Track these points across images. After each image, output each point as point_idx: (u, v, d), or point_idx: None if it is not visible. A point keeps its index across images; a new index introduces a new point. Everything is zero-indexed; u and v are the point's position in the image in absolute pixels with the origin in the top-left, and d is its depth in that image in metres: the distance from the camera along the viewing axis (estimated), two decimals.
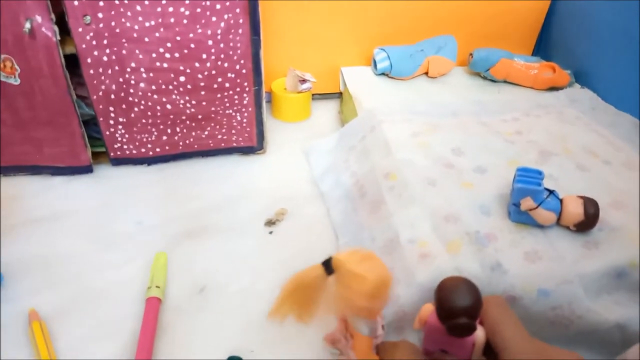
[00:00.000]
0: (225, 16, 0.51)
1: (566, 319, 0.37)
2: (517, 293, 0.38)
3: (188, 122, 0.58)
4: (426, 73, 0.72)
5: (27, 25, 0.46)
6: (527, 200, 0.43)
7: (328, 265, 0.32)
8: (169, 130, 0.58)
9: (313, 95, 0.74)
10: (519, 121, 0.63)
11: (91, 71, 0.51)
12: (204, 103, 0.56)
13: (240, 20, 0.52)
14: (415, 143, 0.55)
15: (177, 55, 0.52)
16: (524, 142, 0.57)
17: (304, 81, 0.70)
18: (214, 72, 0.54)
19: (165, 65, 0.52)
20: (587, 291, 0.39)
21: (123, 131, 0.56)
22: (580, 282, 0.39)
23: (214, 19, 0.51)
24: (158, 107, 0.55)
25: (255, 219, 0.53)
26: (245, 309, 0.43)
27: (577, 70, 0.72)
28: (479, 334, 0.34)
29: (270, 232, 0.52)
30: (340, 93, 0.77)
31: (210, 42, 0.52)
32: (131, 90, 0.53)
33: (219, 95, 0.56)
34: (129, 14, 0.49)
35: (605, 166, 0.53)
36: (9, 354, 0.38)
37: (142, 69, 0.52)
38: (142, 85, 0.53)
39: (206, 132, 0.59)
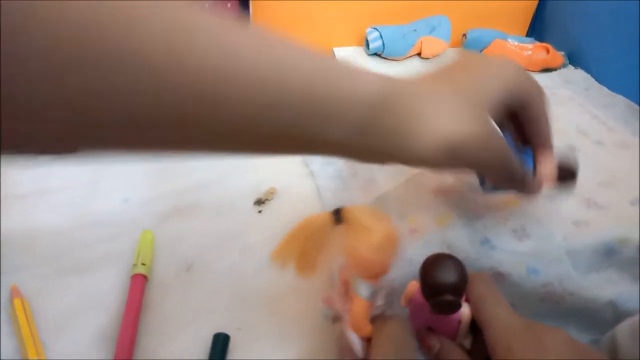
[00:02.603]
0: None
1: (557, 296, 0.37)
2: (506, 269, 0.38)
3: None
4: (419, 54, 0.72)
5: None
6: None
7: (337, 214, 0.31)
8: None
9: None
10: None
11: None
12: None
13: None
14: None
15: None
16: None
17: None
18: None
19: None
20: (577, 269, 0.39)
21: None
22: (570, 260, 0.39)
23: None
24: None
25: (244, 198, 0.53)
26: (232, 287, 0.43)
27: (571, 52, 0.71)
28: (465, 311, 0.33)
29: (260, 211, 0.51)
30: None
31: None
32: None
33: None
34: None
35: (597, 146, 0.53)
36: None
37: None
38: None
39: None
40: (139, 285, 0.39)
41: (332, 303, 0.36)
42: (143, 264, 0.41)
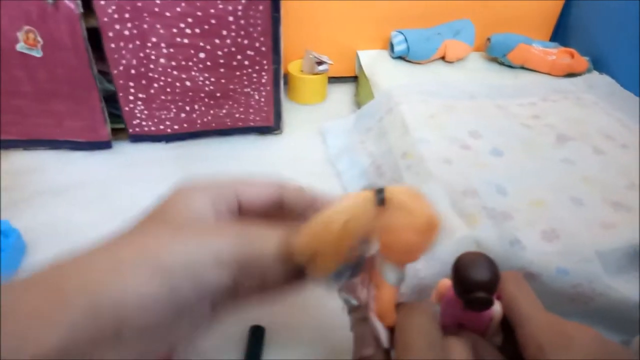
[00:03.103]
0: None
1: (586, 297, 0.38)
2: (535, 270, 0.39)
3: (206, 99, 0.58)
4: (443, 57, 0.72)
5: None
6: None
7: (381, 194, 0.27)
8: (187, 108, 0.58)
9: (329, 78, 0.74)
10: (536, 105, 0.62)
11: (112, 45, 0.51)
12: (222, 80, 0.57)
13: None
14: (432, 124, 0.56)
15: (197, 30, 0.52)
16: (540, 126, 0.57)
17: (320, 63, 0.70)
18: (233, 49, 0.54)
19: (185, 41, 0.53)
20: (606, 270, 0.39)
21: (142, 107, 0.57)
22: (599, 261, 0.39)
23: None
24: (177, 84, 0.56)
25: None
26: None
27: (596, 57, 0.71)
28: (496, 308, 0.34)
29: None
30: (356, 76, 0.77)
31: (230, 18, 0.52)
32: (151, 66, 0.54)
33: (237, 73, 0.57)
34: None
35: (623, 150, 0.53)
36: None
37: (163, 44, 0.52)
38: (162, 60, 0.53)
39: (224, 111, 0.60)
40: None
41: (354, 290, 0.33)
42: None
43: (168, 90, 0.56)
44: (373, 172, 0.56)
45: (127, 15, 0.50)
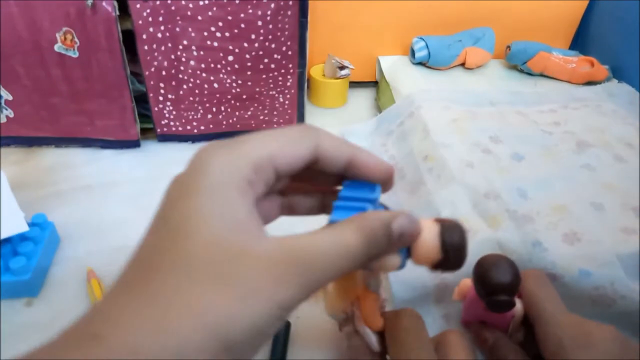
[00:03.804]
0: None
1: (609, 299, 0.38)
2: (558, 271, 0.39)
3: (233, 101, 0.59)
4: (463, 64, 0.73)
5: (90, 1, 0.48)
6: None
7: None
8: (214, 109, 0.60)
9: (350, 82, 0.75)
10: (556, 113, 0.63)
11: (145, 47, 0.53)
12: (249, 83, 0.58)
13: (290, 2, 0.53)
14: (454, 128, 0.56)
15: (227, 34, 0.54)
16: (561, 133, 0.58)
17: (342, 68, 0.71)
18: (261, 52, 0.56)
19: (215, 44, 0.54)
20: (627, 274, 0.40)
21: (171, 108, 0.58)
22: (621, 264, 0.40)
23: (264, 0, 0.52)
24: (206, 86, 0.57)
25: None
26: None
27: (615, 66, 0.72)
28: (518, 307, 0.35)
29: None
30: (376, 82, 0.78)
31: (259, 23, 0.54)
32: (182, 68, 0.55)
33: (264, 76, 0.58)
34: None
35: None
36: (69, 307, 0.40)
37: (194, 47, 0.54)
38: (192, 63, 0.55)
39: (249, 112, 0.61)
40: None
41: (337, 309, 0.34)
42: None
43: (196, 91, 0.57)
44: (395, 174, 0.57)
45: (160, 19, 0.52)
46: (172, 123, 0.60)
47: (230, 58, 0.56)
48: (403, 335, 0.30)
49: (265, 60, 0.57)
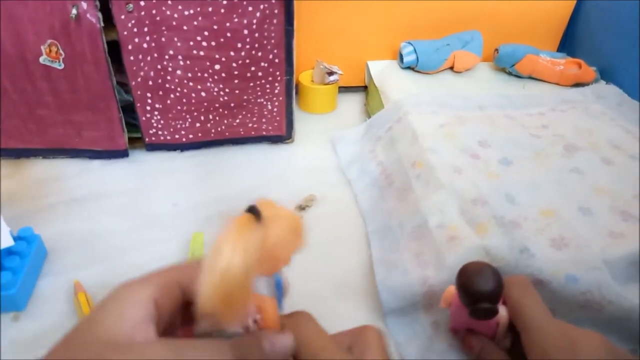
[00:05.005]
0: (261, 6, 0.53)
1: (597, 304, 0.38)
2: (545, 277, 0.39)
3: (221, 110, 0.59)
4: (452, 67, 0.73)
5: (74, 11, 0.48)
6: None
7: (256, 212, 0.27)
8: (202, 118, 0.60)
9: (339, 88, 0.75)
10: (544, 116, 0.63)
11: (131, 57, 0.53)
12: (236, 91, 0.58)
13: (276, 11, 0.53)
14: (442, 134, 0.57)
15: (213, 43, 0.54)
16: (549, 136, 0.58)
17: (331, 73, 0.71)
18: (247, 61, 0.56)
19: (201, 53, 0.54)
20: (615, 278, 0.40)
21: (159, 117, 0.58)
22: (608, 269, 0.40)
23: (250, 8, 0.52)
24: (193, 95, 0.57)
25: (285, 204, 0.54)
26: None
27: (603, 67, 0.72)
28: (502, 314, 0.35)
29: (301, 217, 0.53)
30: (366, 86, 0.78)
31: (245, 32, 0.54)
32: (168, 77, 0.55)
33: (251, 84, 0.58)
34: (169, 2, 0.51)
35: (631, 160, 0.54)
36: (56, 321, 0.40)
37: (180, 57, 0.54)
38: (178, 72, 0.55)
39: (237, 120, 0.61)
40: None
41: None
42: None
43: (184, 100, 0.57)
44: (383, 180, 0.57)
45: (146, 29, 0.52)
46: (160, 132, 0.60)
47: (217, 67, 0.56)
48: (308, 338, 0.29)
49: (252, 68, 0.57)
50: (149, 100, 0.57)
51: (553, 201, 0.47)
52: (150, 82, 0.55)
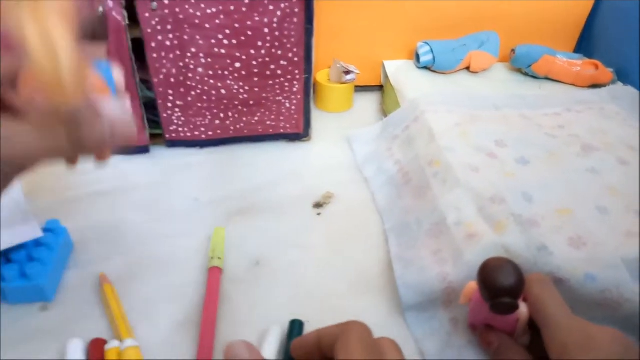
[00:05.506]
0: (282, 5, 0.53)
1: (614, 302, 0.39)
2: (563, 275, 0.40)
3: (240, 107, 0.60)
4: (468, 68, 0.74)
5: (100, 9, 0.49)
6: None
7: None
8: (221, 115, 0.60)
9: (355, 87, 0.76)
10: (560, 116, 0.64)
11: (154, 55, 0.54)
12: (256, 89, 0.59)
13: (296, 10, 0.54)
14: (458, 132, 0.57)
15: (234, 42, 0.55)
16: (565, 136, 0.58)
17: (348, 72, 0.72)
18: (267, 59, 0.57)
19: (222, 51, 0.55)
20: (632, 277, 0.40)
21: (179, 114, 0.59)
22: (626, 267, 0.40)
23: (271, 7, 0.53)
24: (213, 92, 0.58)
25: (303, 201, 0.56)
26: (296, 282, 0.46)
27: (620, 69, 0.72)
28: (523, 310, 0.36)
29: (319, 214, 0.54)
30: (381, 86, 0.79)
31: (266, 30, 0.54)
32: (190, 75, 0.56)
33: (270, 82, 0.59)
34: (192, 1, 0.52)
35: None
36: (83, 311, 0.41)
37: (201, 54, 0.55)
38: (200, 70, 0.56)
39: (256, 118, 0.62)
40: (216, 277, 0.43)
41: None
42: (219, 258, 0.44)
43: (204, 98, 0.58)
44: (400, 178, 0.57)
45: (169, 27, 0.53)
46: (180, 129, 0.61)
47: (238, 65, 0.56)
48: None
49: (272, 67, 0.58)
50: (170, 97, 0.58)
51: (569, 200, 0.48)
52: (172, 80, 0.56)
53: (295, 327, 0.40)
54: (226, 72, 0.57)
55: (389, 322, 0.42)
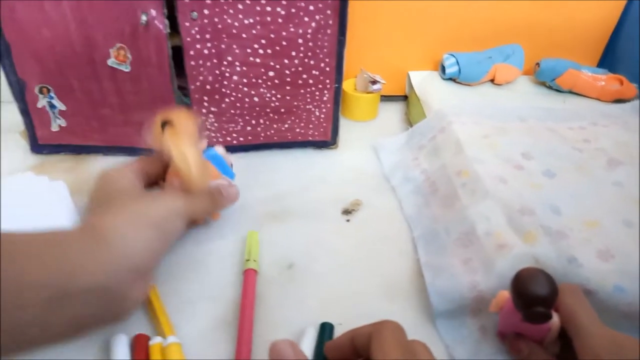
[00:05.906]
0: (317, 17, 0.55)
1: None
2: (592, 287, 0.41)
3: (271, 114, 0.62)
4: (492, 80, 0.75)
5: (144, 17, 0.51)
6: None
7: (168, 121, 0.45)
8: (253, 122, 0.62)
9: (380, 96, 0.77)
10: (585, 130, 0.64)
11: (192, 63, 0.56)
12: (287, 97, 0.61)
13: (330, 21, 0.56)
14: (485, 144, 0.58)
15: (269, 51, 0.56)
16: (591, 150, 0.59)
17: (374, 82, 0.73)
18: (300, 68, 0.58)
19: (257, 60, 0.57)
20: None
21: (213, 120, 0.61)
22: None
23: (306, 19, 0.55)
24: (246, 99, 0.60)
25: (332, 207, 0.57)
26: (328, 286, 0.47)
27: None
28: (554, 320, 0.37)
29: (348, 220, 0.55)
30: (406, 96, 0.80)
31: (300, 41, 0.56)
32: (225, 83, 0.58)
33: (302, 91, 0.61)
34: (231, 11, 0.53)
35: None
36: None
37: (237, 63, 0.57)
38: (235, 78, 0.58)
39: (286, 125, 0.64)
40: (252, 279, 0.44)
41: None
42: (254, 260, 0.46)
43: (238, 105, 0.60)
44: (427, 187, 0.59)
45: (207, 36, 0.54)
46: (213, 135, 0.62)
47: (271, 73, 0.58)
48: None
49: (304, 76, 0.59)
50: (205, 104, 0.59)
51: (597, 213, 0.48)
52: (208, 87, 0.58)
53: (326, 329, 0.41)
54: (260, 81, 0.59)
55: (418, 328, 0.43)
